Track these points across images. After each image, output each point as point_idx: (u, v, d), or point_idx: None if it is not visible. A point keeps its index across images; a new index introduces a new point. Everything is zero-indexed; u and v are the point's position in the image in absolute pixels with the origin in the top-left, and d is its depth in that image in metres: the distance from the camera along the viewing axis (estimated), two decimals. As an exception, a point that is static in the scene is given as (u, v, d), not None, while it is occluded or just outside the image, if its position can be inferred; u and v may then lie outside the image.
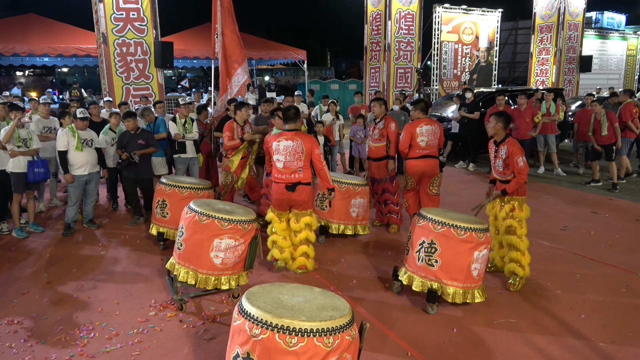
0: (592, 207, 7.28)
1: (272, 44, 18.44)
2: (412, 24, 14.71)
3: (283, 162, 4.62)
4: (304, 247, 4.79)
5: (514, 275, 4.53)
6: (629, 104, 8.69)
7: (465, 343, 3.62)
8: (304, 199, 4.71)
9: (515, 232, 4.48)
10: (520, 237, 4.48)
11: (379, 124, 6.06)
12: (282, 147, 4.60)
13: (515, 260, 4.49)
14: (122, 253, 5.52)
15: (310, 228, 4.80)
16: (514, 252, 4.49)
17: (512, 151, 4.39)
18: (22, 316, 4.04)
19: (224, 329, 3.79)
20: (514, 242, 4.47)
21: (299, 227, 4.76)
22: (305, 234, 4.76)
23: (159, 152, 7.14)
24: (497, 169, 4.59)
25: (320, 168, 4.67)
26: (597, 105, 8.38)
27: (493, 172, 4.68)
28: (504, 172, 4.51)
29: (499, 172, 4.56)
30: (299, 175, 4.63)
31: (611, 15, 25.04)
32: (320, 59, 47.36)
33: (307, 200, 4.74)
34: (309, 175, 4.69)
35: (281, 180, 4.67)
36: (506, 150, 4.44)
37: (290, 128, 4.65)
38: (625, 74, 23.30)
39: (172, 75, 31.94)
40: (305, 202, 4.73)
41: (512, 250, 4.51)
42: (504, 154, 4.45)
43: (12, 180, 5.91)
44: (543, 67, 18.20)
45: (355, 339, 2.62)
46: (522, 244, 4.47)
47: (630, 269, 4.99)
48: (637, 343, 3.62)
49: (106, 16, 9.03)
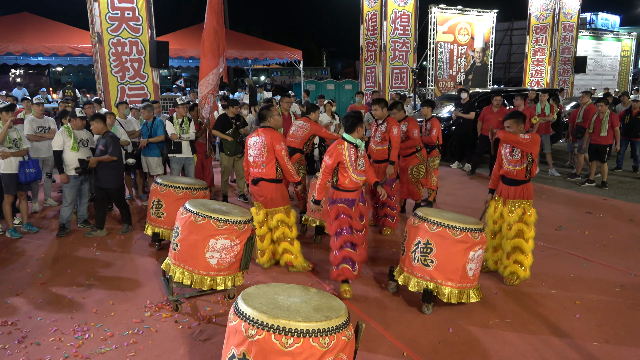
0: (586, 207, 7.31)
1: (267, 43, 18.41)
2: (408, 24, 14.72)
3: (252, 157, 4.75)
4: (284, 244, 4.80)
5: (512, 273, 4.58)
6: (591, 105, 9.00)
7: (460, 343, 3.63)
8: (269, 196, 4.72)
9: (524, 235, 4.51)
10: (527, 240, 4.51)
11: (381, 126, 6.00)
12: (252, 142, 4.77)
13: (519, 262, 4.51)
14: (117, 254, 5.49)
15: (287, 225, 4.78)
16: (520, 254, 4.51)
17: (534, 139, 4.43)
18: (16, 317, 4.02)
19: (219, 329, 3.78)
20: (521, 245, 4.49)
21: (273, 225, 4.78)
22: (281, 231, 4.76)
23: (155, 152, 7.14)
24: (510, 160, 4.53)
25: (283, 164, 4.69)
26: (603, 105, 8.43)
27: (505, 164, 4.57)
28: (520, 161, 4.47)
29: (513, 161, 4.50)
30: (262, 171, 4.68)
31: (605, 16, 25.18)
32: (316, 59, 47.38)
33: (274, 197, 4.72)
34: (272, 172, 4.67)
35: (251, 174, 4.83)
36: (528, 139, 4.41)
37: (263, 125, 4.77)
38: (619, 75, 23.41)
39: (167, 74, 31.82)
40: (272, 200, 4.73)
41: (517, 252, 4.52)
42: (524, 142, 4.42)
43: (3, 181, 5.88)
44: (538, 67, 18.27)
45: (351, 340, 2.63)
46: (528, 246, 4.51)
47: (624, 268, 5.01)
48: (631, 342, 3.65)
49: (101, 15, 8.98)
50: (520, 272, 4.51)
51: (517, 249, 4.52)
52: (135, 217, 6.89)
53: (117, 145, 5.95)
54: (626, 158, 10.37)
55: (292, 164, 4.84)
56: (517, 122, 4.49)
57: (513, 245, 4.53)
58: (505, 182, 4.65)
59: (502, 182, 4.70)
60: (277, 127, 4.84)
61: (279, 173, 4.71)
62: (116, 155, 5.88)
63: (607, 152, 8.47)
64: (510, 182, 4.59)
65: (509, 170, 4.57)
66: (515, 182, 4.56)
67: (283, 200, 4.80)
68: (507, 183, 4.63)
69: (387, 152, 5.99)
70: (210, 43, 7.36)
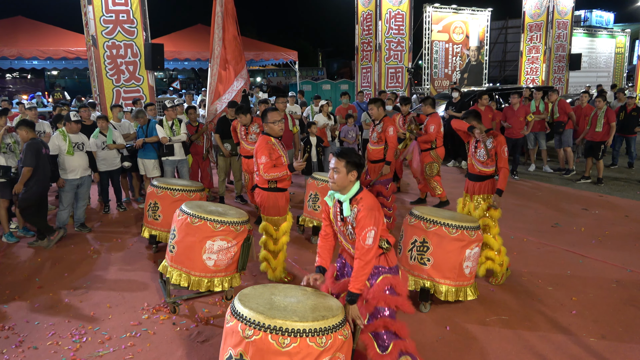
0: (582, 203, 7.34)
1: (263, 44, 18.41)
2: (403, 23, 14.75)
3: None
4: (263, 252, 4.58)
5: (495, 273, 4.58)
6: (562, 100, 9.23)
7: (458, 341, 3.64)
8: (261, 203, 4.54)
9: (490, 231, 4.53)
10: (494, 236, 4.53)
11: (378, 126, 5.99)
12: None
13: (490, 258, 4.53)
14: (114, 256, 5.49)
15: (270, 235, 4.55)
16: (489, 250, 4.52)
17: (500, 141, 4.48)
18: (13, 321, 4.01)
19: (217, 331, 3.79)
20: (489, 241, 4.50)
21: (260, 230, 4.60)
22: (264, 239, 4.57)
23: (152, 154, 7.13)
24: (478, 159, 4.61)
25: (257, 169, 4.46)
26: (601, 101, 8.51)
27: (474, 163, 4.65)
28: (486, 163, 4.55)
29: (481, 162, 4.58)
30: (256, 178, 4.55)
31: (600, 13, 25.30)
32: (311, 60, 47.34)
33: (266, 205, 4.51)
34: (264, 180, 4.45)
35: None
36: (492, 140, 4.51)
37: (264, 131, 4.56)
38: (613, 72, 23.52)
39: (163, 77, 31.75)
40: (265, 208, 4.53)
41: (487, 248, 4.52)
42: (490, 144, 4.51)
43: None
44: (533, 65, 18.32)
45: (348, 339, 2.63)
46: (496, 243, 4.51)
47: (620, 264, 5.04)
48: (627, 338, 3.67)
49: (95, 18, 8.96)
50: (496, 268, 4.50)
51: (486, 245, 4.50)
52: (132, 219, 6.89)
53: (33, 154, 5.43)
54: (621, 155, 10.42)
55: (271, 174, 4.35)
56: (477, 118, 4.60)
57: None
58: (470, 178, 4.72)
59: (467, 179, 4.76)
60: (276, 135, 4.48)
61: (271, 183, 4.47)
62: (29, 165, 5.39)
63: (601, 148, 8.51)
64: (478, 174, 4.63)
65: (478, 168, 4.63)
66: (485, 175, 4.59)
67: (274, 210, 4.52)
68: (472, 179, 4.69)
69: (383, 152, 6.00)
70: (233, 50, 7.76)
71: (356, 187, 2.86)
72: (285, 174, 4.38)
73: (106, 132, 6.91)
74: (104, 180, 7.12)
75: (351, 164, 2.82)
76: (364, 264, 2.76)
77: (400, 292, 2.93)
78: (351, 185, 2.85)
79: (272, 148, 4.39)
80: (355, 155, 2.85)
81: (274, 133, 4.46)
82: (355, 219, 2.81)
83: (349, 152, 2.86)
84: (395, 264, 3.00)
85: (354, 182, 2.85)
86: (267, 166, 4.30)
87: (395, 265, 2.98)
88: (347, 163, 2.81)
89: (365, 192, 2.87)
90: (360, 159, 2.87)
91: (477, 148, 4.63)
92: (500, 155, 4.45)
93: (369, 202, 2.80)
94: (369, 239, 2.73)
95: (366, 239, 2.73)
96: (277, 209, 4.52)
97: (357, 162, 2.83)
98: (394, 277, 2.94)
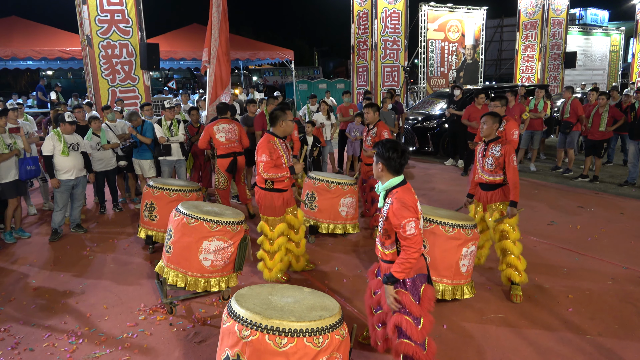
0: (578, 201, 7.37)
1: (259, 44, 18.36)
2: (398, 22, 14.76)
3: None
4: (260, 251, 4.59)
5: (513, 286, 4.33)
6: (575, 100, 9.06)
7: (455, 339, 3.65)
8: (258, 201, 4.54)
9: (509, 236, 4.30)
10: (513, 241, 4.30)
11: (372, 131, 5.92)
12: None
13: (512, 265, 4.29)
14: (110, 257, 5.47)
15: (265, 235, 4.54)
16: (510, 257, 4.30)
17: (508, 150, 4.24)
18: (9, 323, 3.99)
19: (214, 331, 3.78)
20: (508, 247, 4.29)
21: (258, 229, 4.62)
22: (261, 239, 4.58)
23: (148, 154, 7.11)
24: (486, 169, 4.39)
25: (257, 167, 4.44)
26: (604, 98, 8.45)
27: (480, 172, 4.45)
28: (494, 171, 4.32)
29: (489, 171, 4.36)
30: (257, 176, 4.52)
31: (594, 11, 25.41)
32: (307, 59, 47.35)
33: (262, 204, 4.50)
34: (261, 179, 4.44)
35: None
36: (500, 148, 4.28)
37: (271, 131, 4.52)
38: (609, 70, 23.61)
39: (158, 77, 31.65)
40: (261, 207, 4.52)
41: (507, 255, 4.32)
42: (497, 152, 4.29)
43: (6, 190, 5.85)
44: (528, 63, 18.39)
45: (346, 338, 2.63)
46: (516, 248, 4.29)
47: (616, 261, 5.06)
48: (623, 335, 3.68)
49: (90, 18, 8.93)
50: (515, 277, 4.26)
51: (506, 252, 4.32)
52: (128, 220, 6.87)
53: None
54: (616, 152, 10.46)
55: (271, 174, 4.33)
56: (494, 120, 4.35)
57: (500, 247, 4.36)
58: (482, 188, 4.49)
59: (479, 188, 4.54)
60: (287, 133, 4.45)
61: (268, 183, 4.45)
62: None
63: (603, 147, 8.46)
64: (487, 183, 4.41)
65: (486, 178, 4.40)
66: (493, 183, 4.37)
67: (270, 210, 4.49)
68: (484, 189, 4.47)
69: None
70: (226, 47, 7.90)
71: (395, 181, 2.88)
72: (284, 175, 4.38)
73: (99, 133, 6.90)
74: (100, 180, 7.11)
75: (378, 155, 2.89)
76: (411, 252, 2.75)
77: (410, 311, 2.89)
78: (385, 177, 2.90)
79: (273, 147, 4.38)
80: (388, 149, 2.85)
81: (281, 132, 4.43)
82: (387, 212, 2.85)
83: (383, 144, 2.89)
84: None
85: (387, 174, 2.89)
86: (267, 165, 4.30)
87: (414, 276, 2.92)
88: (376, 154, 2.91)
89: (404, 188, 2.87)
90: (392, 152, 2.84)
91: (484, 157, 4.39)
92: (508, 164, 4.21)
93: (403, 197, 2.81)
94: (411, 229, 2.74)
95: (407, 230, 2.74)
96: (272, 209, 4.50)
97: (383, 155, 2.85)
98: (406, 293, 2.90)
